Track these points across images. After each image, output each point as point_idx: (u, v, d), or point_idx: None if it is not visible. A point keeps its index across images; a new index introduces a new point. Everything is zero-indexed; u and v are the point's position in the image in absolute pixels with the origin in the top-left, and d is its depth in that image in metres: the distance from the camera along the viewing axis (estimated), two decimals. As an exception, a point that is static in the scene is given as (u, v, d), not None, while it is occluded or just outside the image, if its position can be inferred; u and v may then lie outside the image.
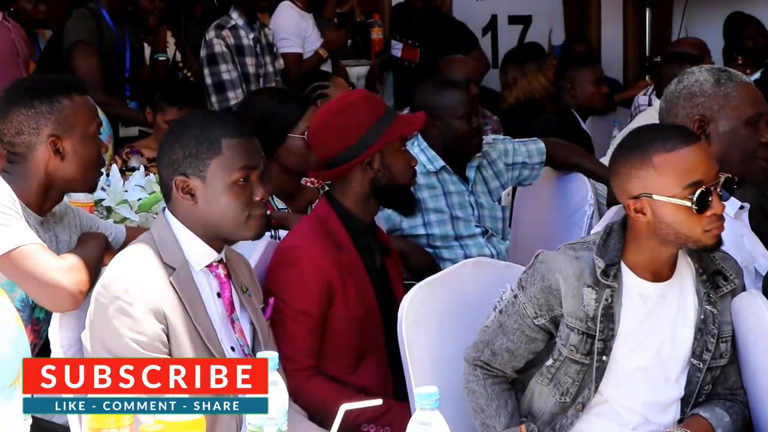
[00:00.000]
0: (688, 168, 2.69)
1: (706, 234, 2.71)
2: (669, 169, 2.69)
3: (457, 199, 4.39)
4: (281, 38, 6.79)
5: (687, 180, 2.68)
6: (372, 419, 3.20)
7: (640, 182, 2.72)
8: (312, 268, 3.25)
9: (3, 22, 5.97)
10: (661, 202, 2.70)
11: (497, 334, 2.83)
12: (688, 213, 2.69)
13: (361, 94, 3.81)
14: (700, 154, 2.71)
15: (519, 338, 2.81)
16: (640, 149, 2.73)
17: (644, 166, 2.71)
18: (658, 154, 2.70)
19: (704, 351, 2.81)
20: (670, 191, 2.69)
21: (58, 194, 3.11)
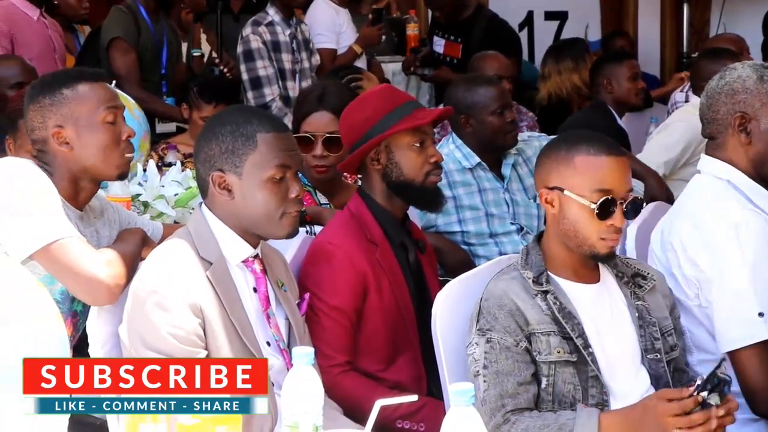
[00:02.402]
0: (603, 175, 2.84)
1: (601, 242, 2.86)
2: (585, 171, 2.84)
3: (492, 196, 4.38)
4: (316, 34, 6.79)
5: (597, 185, 2.83)
6: (406, 415, 3.20)
7: (558, 176, 2.88)
8: (346, 263, 3.26)
9: (40, 19, 6.01)
10: (569, 198, 2.85)
11: (501, 382, 2.80)
12: (590, 215, 2.83)
13: (378, 88, 3.80)
14: (618, 168, 2.88)
15: (519, 368, 2.81)
16: (568, 146, 2.89)
17: (566, 161, 2.87)
18: (581, 155, 2.86)
19: (653, 342, 2.93)
20: (580, 191, 2.84)
21: (89, 184, 3.11)
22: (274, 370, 2.88)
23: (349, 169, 3.52)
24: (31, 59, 5.41)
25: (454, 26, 7.13)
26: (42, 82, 3.15)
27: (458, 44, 7.11)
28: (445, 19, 7.24)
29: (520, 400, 2.79)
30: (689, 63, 7.43)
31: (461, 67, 6.68)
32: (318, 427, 2.15)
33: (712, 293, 3.13)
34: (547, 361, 2.81)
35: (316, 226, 3.79)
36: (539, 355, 2.82)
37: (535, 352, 2.82)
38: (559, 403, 2.82)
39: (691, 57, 7.56)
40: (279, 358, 2.92)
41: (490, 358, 2.81)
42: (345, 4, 7.07)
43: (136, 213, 3.67)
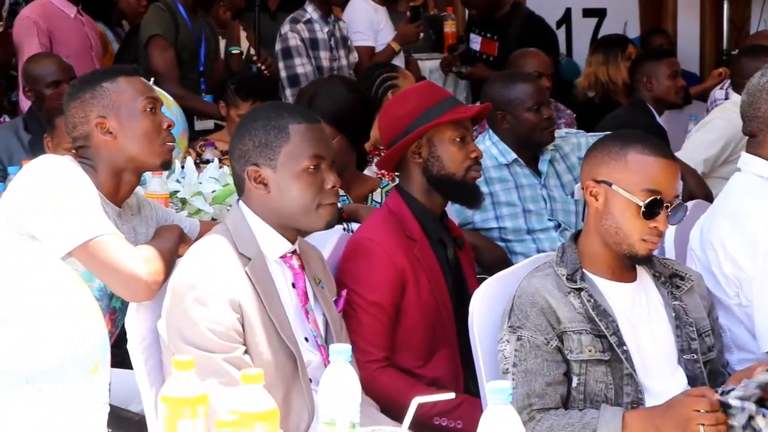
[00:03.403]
0: (654, 176, 2.84)
1: (642, 243, 2.85)
2: (637, 168, 2.84)
3: (530, 192, 4.37)
4: (354, 32, 6.80)
5: (647, 185, 2.83)
6: (444, 412, 3.20)
7: (608, 170, 2.86)
8: (385, 259, 3.26)
9: (77, 16, 6.05)
10: (617, 193, 2.84)
11: (529, 381, 2.80)
12: (635, 214, 2.82)
13: (418, 84, 3.82)
14: (670, 171, 2.87)
15: (549, 367, 2.81)
16: (622, 142, 2.88)
17: (618, 157, 2.86)
18: (635, 152, 2.85)
19: (690, 342, 2.91)
20: (629, 187, 2.83)
21: (131, 176, 3.13)
22: (312, 366, 2.89)
23: (388, 164, 3.51)
24: (69, 57, 5.46)
25: (490, 24, 7.11)
26: (81, 79, 3.19)
27: (495, 42, 7.09)
28: (480, 16, 7.23)
29: (547, 400, 2.78)
30: (729, 60, 7.37)
31: (498, 65, 6.67)
32: (355, 423, 2.14)
33: (753, 292, 3.11)
34: (578, 360, 2.81)
35: (352, 223, 3.80)
36: (570, 354, 2.81)
37: (566, 350, 2.81)
38: (591, 402, 2.81)
39: (731, 54, 7.49)
40: (317, 354, 2.92)
41: (520, 356, 2.81)
42: (383, 2, 7.08)
43: (173, 210, 3.68)
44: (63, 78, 5.02)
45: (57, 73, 5.09)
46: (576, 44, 8.28)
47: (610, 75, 6.63)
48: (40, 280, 1.78)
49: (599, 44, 7.00)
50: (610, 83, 6.62)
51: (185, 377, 2.02)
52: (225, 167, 4.23)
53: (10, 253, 1.85)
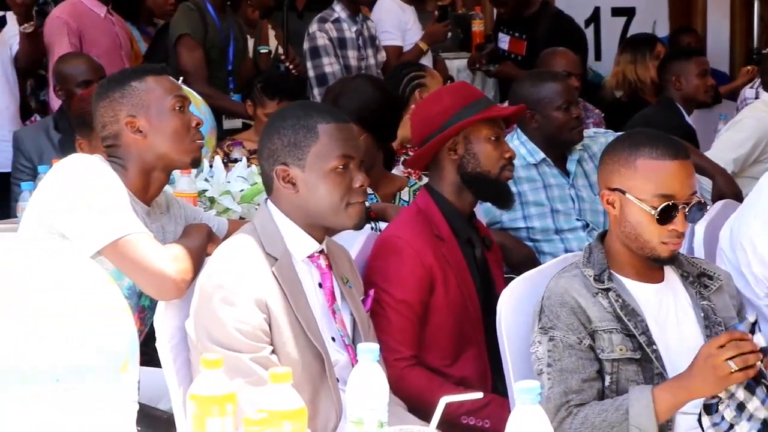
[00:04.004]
0: (665, 180, 2.81)
1: (662, 245, 2.83)
2: (647, 175, 2.82)
3: (558, 192, 4.36)
4: (382, 31, 6.80)
5: (659, 190, 2.80)
6: (471, 411, 3.20)
7: (620, 178, 2.85)
8: (413, 258, 3.26)
9: (107, 16, 6.08)
10: (630, 201, 2.83)
11: (565, 379, 2.79)
12: (650, 220, 2.81)
13: (453, 84, 3.84)
14: (681, 172, 2.84)
15: (584, 365, 2.80)
16: (631, 148, 2.86)
17: (628, 164, 2.84)
18: (644, 158, 2.83)
19: None
20: (641, 195, 2.81)
21: (161, 174, 3.14)
22: (339, 366, 2.89)
23: (420, 162, 3.51)
24: (98, 56, 5.48)
25: (519, 23, 7.10)
26: (110, 79, 3.21)
27: (523, 41, 7.08)
28: (509, 15, 7.21)
29: (584, 395, 2.78)
30: (759, 58, 7.33)
31: (526, 64, 6.66)
32: (383, 423, 2.15)
33: (783, 292, 3.09)
34: (609, 359, 2.80)
35: (380, 222, 3.80)
36: (602, 353, 2.80)
37: (598, 349, 2.80)
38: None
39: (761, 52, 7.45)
40: (344, 354, 2.92)
41: (554, 356, 2.80)
42: (411, 1, 7.07)
43: (202, 208, 3.70)
44: (93, 77, 5.05)
45: (87, 72, 5.12)
46: (604, 43, 8.24)
47: (639, 74, 6.60)
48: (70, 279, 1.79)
49: (628, 43, 6.97)
50: (639, 82, 6.60)
51: (214, 375, 2.03)
52: (253, 166, 4.24)
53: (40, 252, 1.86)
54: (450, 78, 7.28)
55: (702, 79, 5.85)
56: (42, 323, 1.71)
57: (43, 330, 1.71)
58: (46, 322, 1.72)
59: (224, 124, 6.04)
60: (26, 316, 1.71)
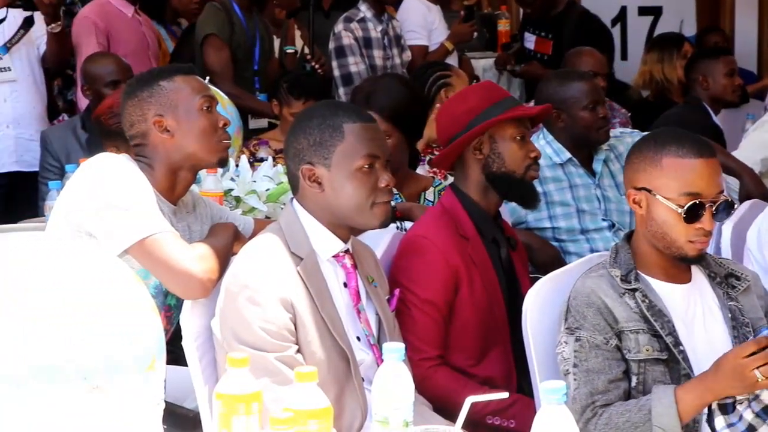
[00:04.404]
0: (691, 179, 2.80)
1: (690, 244, 2.83)
2: (673, 173, 2.81)
3: (584, 192, 4.35)
4: (408, 30, 6.80)
5: (685, 189, 2.79)
6: (497, 411, 3.19)
7: (646, 177, 2.85)
8: (439, 257, 3.26)
9: (134, 16, 6.10)
10: (657, 200, 2.82)
11: (591, 380, 2.79)
12: (677, 219, 2.80)
13: (480, 83, 3.83)
14: (707, 170, 2.83)
15: (610, 366, 2.80)
16: (656, 147, 2.85)
17: (654, 163, 2.84)
18: (670, 156, 2.82)
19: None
20: (668, 193, 2.81)
21: (188, 174, 3.15)
22: (364, 366, 2.90)
23: (446, 161, 3.50)
24: (126, 56, 5.50)
25: (545, 22, 7.08)
26: (138, 78, 3.22)
27: (549, 40, 7.07)
28: (535, 14, 7.19)
29: (610, 396, 2.78)
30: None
31: (552, 64, 6.64)
32: (408, 422, 2.15)
33: (811, 292, 3.07)
34: (636, 359, 2.79)
35: (406, 222, 3.80)
36: (629, 353, 2.79)
37: (624, 350, 2.80)
38: None
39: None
40: (369, 353, 2.92)
41: (580, 357, 2.80)
42: (437, 1, 7.07)
43: (227, 208, 3.71)
44: (121, 77, 5.07)
45: (115, 72, 5.14)
46: (631, 43, 8.21)
47: (666, 73, 6.57)
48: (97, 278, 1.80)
49: (655, 42, 6.94)
50: (666, 82, 6.57)
51: (240, 374, 2.04)
52: (279, 165, 4.25)
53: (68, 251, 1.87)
54: (476, 77, 7.27)
55: (729, 78, 5.82)
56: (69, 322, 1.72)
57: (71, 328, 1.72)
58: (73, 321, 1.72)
59: (250, 123, 6.05)
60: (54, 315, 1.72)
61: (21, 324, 1.71)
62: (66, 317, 1.73)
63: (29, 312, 1.72)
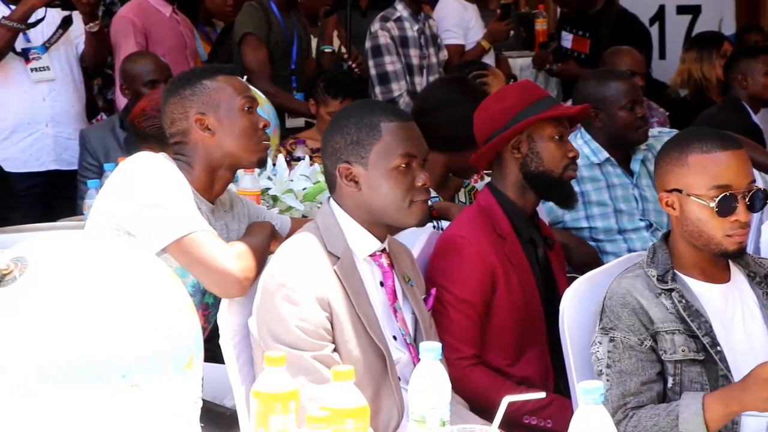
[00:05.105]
0: (718, 171, 2.79)
1: (728, 239, 2.80)
2: (700, 169, 2.80)
3: (621, 191, 4.33)
4: (444, 30, 6.79)
5: (714, 182, 2.78)
6: (533, 411, 3.18)
7: (675, 178, 2.84)
8: (475, 256, 3.26)
9: (172, 15, 6.13)
10: (688, 199, 2.81)
11: (624, 381, 2.78)
12: (711, 214, 2.79)
13: (519, 82, 3.82)
14: (734, 161, 2.81)
15: (644, 367, 2.79)
16: (680, 147, 2.85)
17: (680, 163, 2.83)
18: (694, 154, 2.82)
19: None
20: (698, 190, 2.79)
21: (226, 172, 3.16)
22: (401, 365, 2.90)
23: (483, 160, 3.49)
24: (164, 55, 5.53)
25: (582, 21, 7.05)
26: (180, 77, 3.24)
27: (586, 39, 7.04)
28: (573, 13, 7.16)
29: (642, 398, 2.77)
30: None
31: (589, 63, 6.61)
32: (445, 422, 2.15)
33: None
34: (672, 360, 2.78)
35: (442, 221, 3.79)
36: (665, 354, 2.78)
37: (660, 350, 2.78)
38: None
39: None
40: (405, 353, 2.92)
41: (614, 358, 2.79)
42: (473, 0, 7.06)
43: (265, 207, 3.72)
44: (159, 77, 5.10)
45: (154, 72, 5.17)
46: (669, 42, 8.15)
47: (705, 72, 6.52)
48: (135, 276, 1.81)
49: (694, 41, 6.90)
50: (704, 80, 6.52)
51: (277, 373, 2.04)
52: (316, 164, 4.26)
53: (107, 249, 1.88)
54: (513, 77, 7.26)
55: (769, 77, 5.77)
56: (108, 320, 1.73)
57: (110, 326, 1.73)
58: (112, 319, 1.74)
59: (287, 122, 6.07)
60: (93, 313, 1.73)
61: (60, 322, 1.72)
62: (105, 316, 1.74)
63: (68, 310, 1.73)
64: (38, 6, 5.34)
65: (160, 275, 1.84)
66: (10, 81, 5.47)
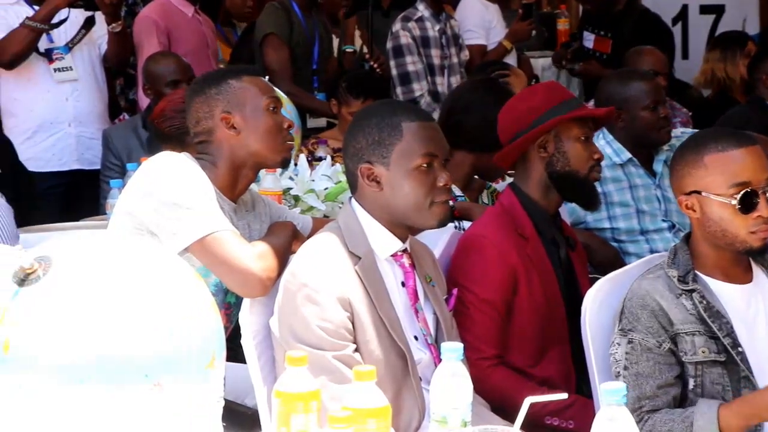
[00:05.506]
0: (736, 169, 2.78)
1: (752, 236, 2.78)
2: (718, 168, 2.79)
3: (644, 192, 4.32)
4: (466, 30, 6.79)
5: (734, 180, 2.77)
6: (555, 412, 3.18)
7: (692, 180, 2.82)
8: (497, 256, 3.25)
9: (194, 15, 6.15)
10: (708, 199, 2.80)
11: (640, 384, 2.77)
12: (733, 212, 2.77)
13: (545, 83, 3.82)
14: (751, 157, 2.79)
15: (661, 371, 2.78)
16: (695, 149, 2.84)
17: (696, 164, 2.82)
18: (710, 153, 2.81)
19: None
20: (717, 190, 2.78)
21: (250, 172, 3.17)
22: (422, 365, 2.89)
23: (508, 159, 3.48)
24: (186, 55, 5.55)
25: (604, 21, 7.03)
26: (205, 77, 3.26)
27: (608, 39, 7.02)
28: (595, 10, 7.14)
29: (657, 402, 2.76)
30: None
31: (611, 63, 6.59)
32: (466, 422, 2.14)
33: None
34: (693, 362, 2.77)
35: (464, 221, 3.79)
36: (685, 356, 2.77)
37: (681, 352, 2.77)
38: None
39: None
40: (426, 353, 2.92)
41: (631, 359, 2.78)
42: (495, 0, 7.05)
43: (286, 207, 3.72)
44: (182, 77, 5.11)
45: (176, 72, 5.18)
46: (692, 41, 8.11)
47: (728, 72, 6.49)
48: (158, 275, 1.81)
49: (718, 41, 6.87)
50: (728, 80, 6.49)
51: (299, 373, 2.04)
52: (337, 165, 4.26)
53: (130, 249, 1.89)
54: (535, 77, 7.24)
55: (794, 77, 5.73)
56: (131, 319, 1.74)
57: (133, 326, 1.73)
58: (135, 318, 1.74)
59: (308, 122, 6.08)
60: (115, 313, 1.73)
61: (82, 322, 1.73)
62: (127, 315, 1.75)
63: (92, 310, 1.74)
64: (61, 6, 5.37)
65: (182, 275, 1.84)
66: (34, 81, 5.51)
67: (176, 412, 1.76)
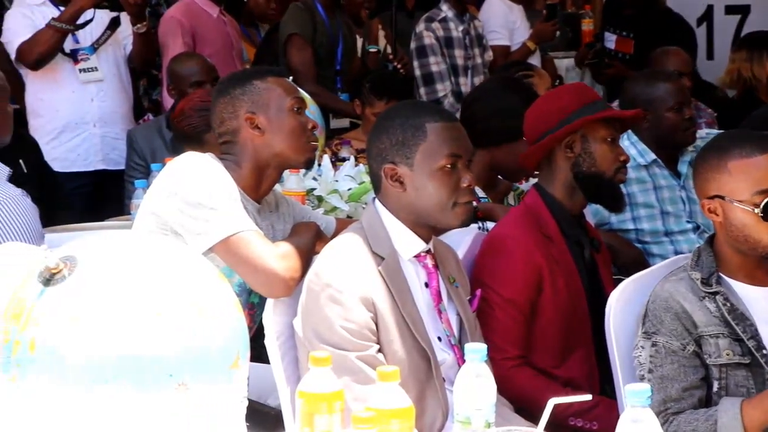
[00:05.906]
0: (760, 175, 2.76)
1: None
2: (741, 175, 2.76)
3: (668, 193, 4.30)
4: (490, 30, 6.78)
5: (757, 187, 2.75)
6: (579, 413, 3.16)
7: (715, 184, 2.80)
8: (521, 256, 3.25)
9: (219, 16, 6.17)
10: (731, 205, 2.78)
11: (665, 387, 2.76)
12: (756, 219, 2.76)
13: (573, 84, 3.82)
14: None
15: (685, 373, 2.77)
16: (719, 153, 2.81)
17: (720, 169, 2.79)
18: (734, 159, 2.78)
19: None
20: (740, 196, 2.77)
21: (274, 172, 3.18)
22: (445, 366, 2.89)
23: (533, 158, 3.47)
24: (210, 56, 5.57)
25: (626, 21, 7.01)
26: (230, 77, 3.28)
27: (630, 40, 6.99)
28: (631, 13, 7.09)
29: (683, 404, 2.76)
30: None
31: (633, 63, 6.57)
32: (490, 423, 2.14)
33: None
34: (717, 364, 2.76)
35: (488, 222, 3.79)
36: (709, 358, 2.76)
37: (705, 355, 2.76)
38: None
39: None
40: (450, 354, 2.92)
41: (656, 362, 2.77)
42: (519, 0, 7.04)
43: (310, 207, 3.73)
44: (206, 78, 5.13)
45: (200, 73, 5.20)
46: (717, 42, 8.07)
47: (755, 72, 6.45)
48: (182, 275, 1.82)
49: (744, 41, 6.83)
50: (754, 80, 6.46)
51: (322, 373, 2.04)
52: (361, 165, 4.26)
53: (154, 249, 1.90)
54: (559, 77, 7.23)
55: (820, 77, 5.71)
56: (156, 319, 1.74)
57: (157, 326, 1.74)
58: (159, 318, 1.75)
59: (332, 123, 6.09)
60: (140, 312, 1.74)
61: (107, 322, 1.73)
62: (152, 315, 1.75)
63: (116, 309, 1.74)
64: (87, 7, 5.40)
65: (206, 275, 1.85)
66: (59, 82, 5.54)
67: (200, 411, 1.76)
